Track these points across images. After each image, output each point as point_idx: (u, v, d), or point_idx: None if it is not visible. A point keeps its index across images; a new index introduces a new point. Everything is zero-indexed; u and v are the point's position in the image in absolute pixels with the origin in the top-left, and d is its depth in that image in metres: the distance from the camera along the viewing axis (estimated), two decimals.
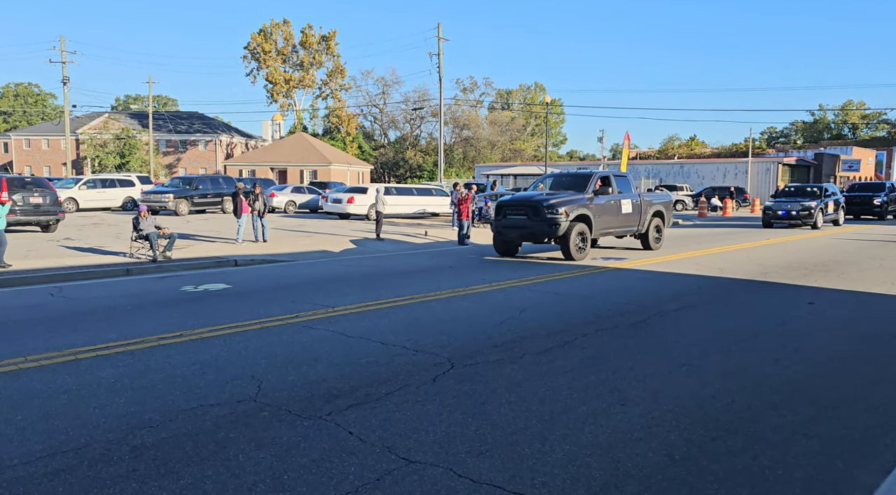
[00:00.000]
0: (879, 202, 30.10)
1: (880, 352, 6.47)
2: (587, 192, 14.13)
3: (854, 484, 3.62)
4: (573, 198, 13.79)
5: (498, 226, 14.27)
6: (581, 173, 15.60)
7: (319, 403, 4.78)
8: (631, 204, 15.18)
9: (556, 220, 13.26)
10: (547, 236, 13.54)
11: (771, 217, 24.62)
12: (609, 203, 14.55)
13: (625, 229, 15.24)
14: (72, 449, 3.95)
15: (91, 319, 7.71)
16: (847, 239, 19.33)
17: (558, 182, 15.46)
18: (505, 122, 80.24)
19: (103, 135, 59.42)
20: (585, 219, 13.81)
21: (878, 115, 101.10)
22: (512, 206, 14.20)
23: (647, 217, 15.72)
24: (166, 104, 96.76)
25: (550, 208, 13.33)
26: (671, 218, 17.22)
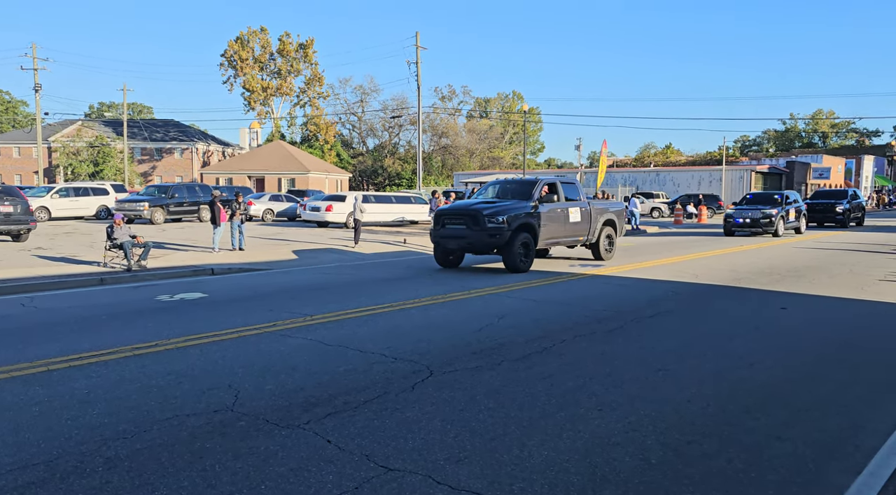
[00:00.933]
0: (842, 210, 29.79)
1: (850, 355, 6.61)
2: (532, 200, 13.40)
3: (826, 485, 3.69)
4: (516, 206, 13.11)
5: (436, 237, 13.52)
6: (526, 180, 14.91)
7: (297, 412, 4.75)
8: (580, 212, 14.52)
9: (496, 230, 12.59)
10: (488, 247, 12.86)
11: (732, 225, 24.10)
12: (556, 211, 13.88)
13: (573, 238, 14.58)
14: (43, 462, 3.88)
15: (64, 329, 7.57)
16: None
17: (504, 189, 14.64)
18: (483, 130, 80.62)
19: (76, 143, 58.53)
20: (529, 229, 13.12)
21: (847, 124, 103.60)
22: (450, 215, 13.41)
23: (597, 226, 15.09)
24: (141, 112, 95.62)
25: (491, 217, 12.65)
26: (624, 226, 16.76)
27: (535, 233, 13.24)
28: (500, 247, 12.76)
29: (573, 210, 14.35)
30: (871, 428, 4.55)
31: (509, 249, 12.67)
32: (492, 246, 12.78)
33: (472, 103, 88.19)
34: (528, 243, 13.00)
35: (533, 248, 13.14)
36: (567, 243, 14.62)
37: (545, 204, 13.56)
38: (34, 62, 45.97)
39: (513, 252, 12.68)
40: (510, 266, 12.80)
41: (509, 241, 12.66)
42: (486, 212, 12.70)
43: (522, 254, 12.88)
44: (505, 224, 12.64)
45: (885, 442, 4.30)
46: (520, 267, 12.79)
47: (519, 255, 12.79)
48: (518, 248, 12.76)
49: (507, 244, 12.67)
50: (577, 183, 15.21)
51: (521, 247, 12.81)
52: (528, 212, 13.17)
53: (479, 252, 13.28)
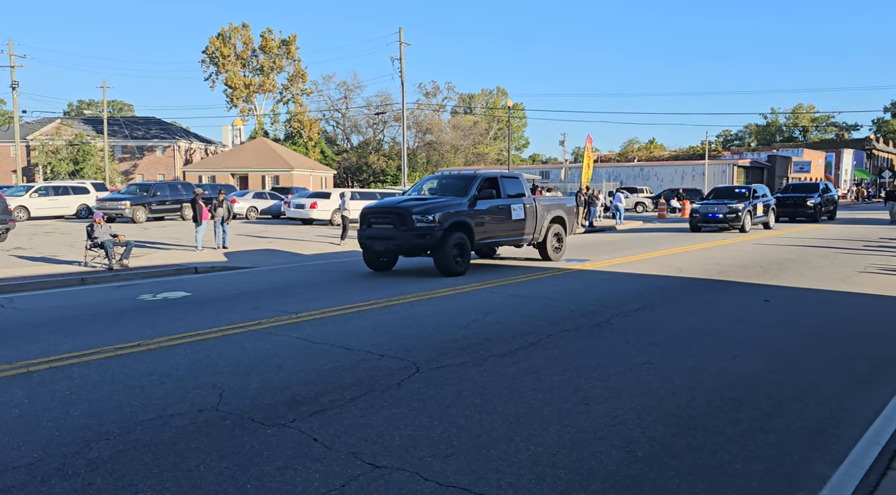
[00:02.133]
0: (813, 204, 28.93)
1: (831, 347, 6.69)
2: (468, 197, 12.39)
3: (808, 475, 3.74)
4: (450, 203, 12.08)
5: (361, 238, 12.38)
6: (463, 175, 13.87)
7: (283, 410, 4.72)
8: (523, 209, 13.47)
9: (426, 230, 11.54)
10: (417, 248, 11.85)
11: (698, 220, 23.43)
12: (496, 208, 12.87)
13: (517, 237, 13.54)
14: (24, 465, 3.82)
15: (44, 330, 7.46)
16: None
17: (441, 185, 13.61)
18: (468, 126, 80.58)
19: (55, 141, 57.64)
20: (464, 227, 12.10)
21: (827, 118, 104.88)
22: (377, 214, 12.30)
23: (543, 223, 14.04)
24: (122, 109, 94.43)
25: (420, 215, 11.60)
26: (574, 224, 15.78)
27: (471, 233, 12.20)
28: (431, 249, 11.76)
29: (516, 207, 13.33)
30: (852, 418, 4.61)
31: (441, 251, 11.64)
32: (422, 247, 11.78)
33: (457, 99, 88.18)
34: (462, 243, 11.98)
35: (469, 249, 12.15)
36: (510, 242, 13.59)
37: (484, 200, 12.60)
38: (11, 59, 45.20)
39: (445, 253, 11.65)
40: (442, 269, 11.78)
41: (441, 242, 11.62)
42: (414, 210, 11.67)
43: (457, 256, 11.87)
44: (436, 223, 11.60)
45: (866, 431, 4.36)
46: (453, 269, 11.75)
47: (452, 257, 11.77)
48: (451, 250, 11.73)
49: (439, 245, 11.64)
50: (521, 178, 14.19)
51: (454, 248, 11.79)
52: (463, 209, 12.17)
53: (409, 254, 12.33)
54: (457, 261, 11.89)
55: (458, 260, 11.93)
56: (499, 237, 13.14)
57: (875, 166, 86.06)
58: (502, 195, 13.18)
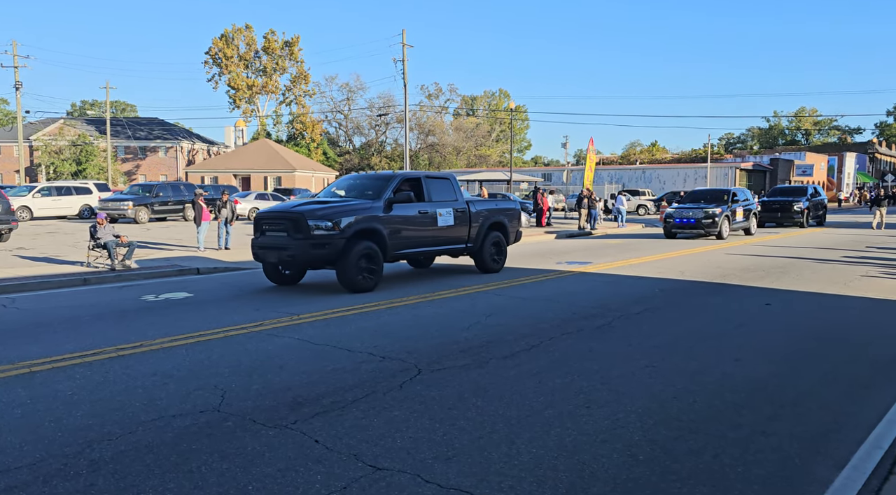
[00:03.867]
0: (800, 208, 27.24)
1: (832, 350, 6.69)
2: (382, 200, 10.82)
3: (810, 479, 3.73)
4: (357, 207, 10.54)
5: (253, 248, 10.81)
6: (381, 175, 12.36)
7: (285, 412, 4.72)
8: (453, 214, 11.90)
9: (325, 238, 9.92)
10: (314, 260, 10.20)
11: (672, 226, 21.64)
12: (418, 213, 11.30)
13: (444, 246, 11.95)
14: (26, 465, 3.82)
15: (47, 330, 7.48)
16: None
17: (354, 186, 11.97)
18: (470, 128, 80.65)
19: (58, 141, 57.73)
20: (374, 235, 10.48)
21: (830, 121, 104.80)
22: (270, 220, 10.75)
23: (479, 230, 12.46)
24: (125, 110, 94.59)
25: (318, 221, 9.96)
26: (519, 230, 13.90)
27: (384, 241, 10.56)
28: (331, 261, 10.15)
29: (444, 211, 11.74)
30: (853, 422, 4.60)
31: (344, 263, 9.98)
32: (320, 258, 10.14)
33: (459, 101, 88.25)
34: (372, 254, 10.31)
35: (380, 260, 10.49)
36: (437, 252, 12.06)
37: (403, 204, 11.00)
38: (14, 60, 45.30)
39: (348, 266, 9.96)
40: (346, 284, 10.11)
41: (344, 253, 10.01)
42: (311, 216, 10.04)
43: (364, 269, 10.22)
44: (336, 230, 9.99)
45: (868, 435, 4.35)
46: (359, 285, 10.09)
47: (358, 271, 10.11)
48: (357, 261, 10.07)
49: (342, 256, 10.00)
50: (452, 179, 12.63)
51: (361, 260, 10.14)
52: (374, 214, 10.56)
53: (307, 266, 10.75)
54: (364, 276, 10.20)
55: (366, 274, 10.25)
56: (422, 246, 11.51)
57: (878, 170, 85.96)
58: (427, 198, 11.64)
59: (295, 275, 11.28)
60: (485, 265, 12.61)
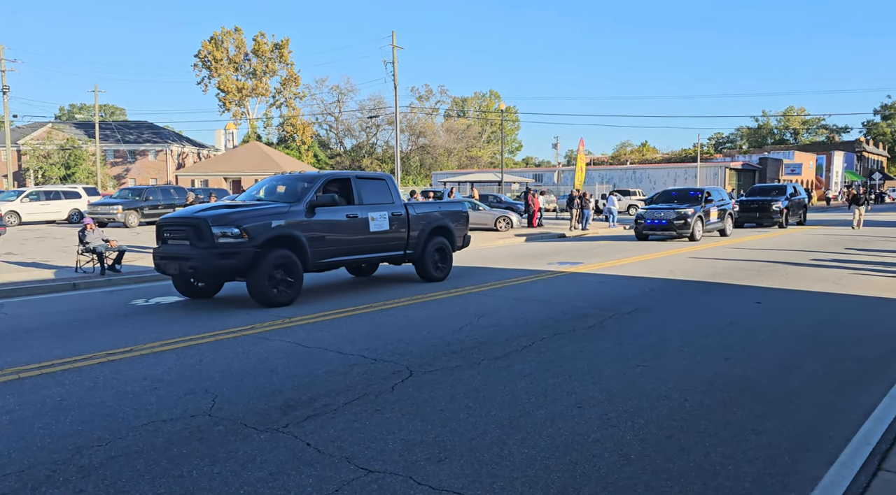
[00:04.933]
0: (778, 208, 26.31)
1: (822, 348, 6.73)
2: (302, 203, 9.72)
3: (800, 476, 3.76)
4: (272, 212, 9.41)
5: (155, 258, 9.69)
6: (304, 175, 11.02)
7: (276, 415, 4.71)
8: (388, 218, 10.89)
9: (232, 247, 8.79)
10: (220, 272, 9.03)
11: (644, 227, 20.76)
12: (345, 218, 10.23)
13: (378, 254, 10.94)
14: (14, 472, 3.79)
15: (36, 336, 7.42)
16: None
17: (276, 188, 10.78)
18: (461, 129, 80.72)
19: (47, 145, 57.29)
20: (291, 243, 9.38)
21: (817, 120, 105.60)
22: (171, 226, 9.57)
23: (420, 235, 11.48)
24: (114, 113, 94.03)
25: (223, 227, 8.81)
26: (467, 235, 12.96)
27: (303, 249, 9.47)
28: (240, 272, 9.04)
29: (377, 215, 10.71)
30: (843, 420, 4.64)
31: (255, 275, 8.90)
32: (228, 270, 8.99)
33: (450, 102, 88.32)
34: (288, 264, 9.23)
35: (299, 270, 9.39)
36: (371, 260, 11.12)
37: (328, 208, 9.97)
38: (2, 64, 44.98)
39: (261, 278, 8.88)
40: (259, 298, 9.04)
41: (255, 263, 8.90)
42: (215, 221, 8.87)
43: (280, 281, 9.12)
44: (245, 237, 8.85)
45: (857, 432, 4.39)
46: (273, 299, 9.01)
47: (273, 283, 9.01)
48: (271, 272, 8.97)
49: (252, 267, 8.91)
50: (388, 180, 11.54)
51: (276, 271, 9.06)
52: (292, 219, 9.48)
53: (213, 278, 9.62)
54: (279, 289, 9.10)
55: (280, 287, 9.13)
56: (351, 254, 10.45)
57: (865, 168, 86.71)
58: (357, 201, 10.63)
59: (210, 287, 10.14)
60: (427, 273, 11.64)
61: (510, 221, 25.64)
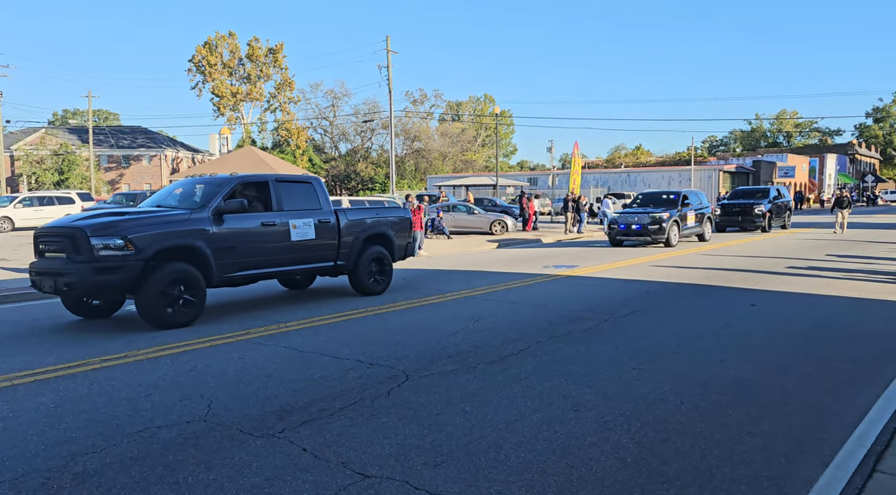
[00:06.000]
0: (761, 211, 25.52)
1: (817, 350, 6.76)
2: (208, 209, 8.55)
3: (796, 478, 3.76)
4: (167, 219, 8.28)
5: (31, 274, 8.39)
6: (214, 178, 9.60)
7: (272, 421, 4.69)
8: (314, 225, 9.73)
9: (114, 260, 7.63)
10: (102, 289, 7.85)
11: (617, 233, 19.81)
12: (260, 226, 9.06)
13: (303, 265, 9.75)
14: (8, 480, 3.77)
15: (29, 342, 7.38)
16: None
17: (184, 192, 9.51)
18: (456, 133, 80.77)
19: (40, 151, 57.13)
20: (191, 254, 8.27)
21: (810, 123, 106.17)
22: (47, 238, 8.32)
23: (353, 245, 10.37)
24: (107, 118, 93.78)
25: (104, 238, 7.62)
26: (411, 244, 11.88)
27: (207, 262, 8.36)
28: (127, 289, 7.90)
29: (300, 223, 9.55)
30: (837, 422, 4.65)
31: (144, 292, 7.77)
32: (109, 286, 7.81)
33: (444, 107, 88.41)
34: (187, 279, 8.10)
35: (201, 286, 8.28)
36: (293, 272, 9.86)
37: (238, 214, 8.80)
38: None
39: (151, 296, 7.76)
40: (149, 319, 7.92)
41: (143, 279, 7.78)
42: (95, 231, 7.67)
43: (176, 300, 7.99)
44: (131, 249, 7.69)
45: (852, 434, 4.40)
46: (167, 319, 7.90)
47: (167, 301, 7.89)
48: (164, 289, 7.84)
49: (141, 283, 7.78)
50: (315, 183, 10.35)
51: (172, 287, 7.93)
52: (192, 227, 8.30)
53: (94, 296, 8.53)
54: (175, 309, 7.99)
55: (177, 305, 8.01)
56: (268, 266, 9.25)
57: (858, 171, 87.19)
58: (276, 207, 9.44)
59: (107, 306, 8.90)
60: (362, 286, 10.55)
61: (505, 225, 25.66)
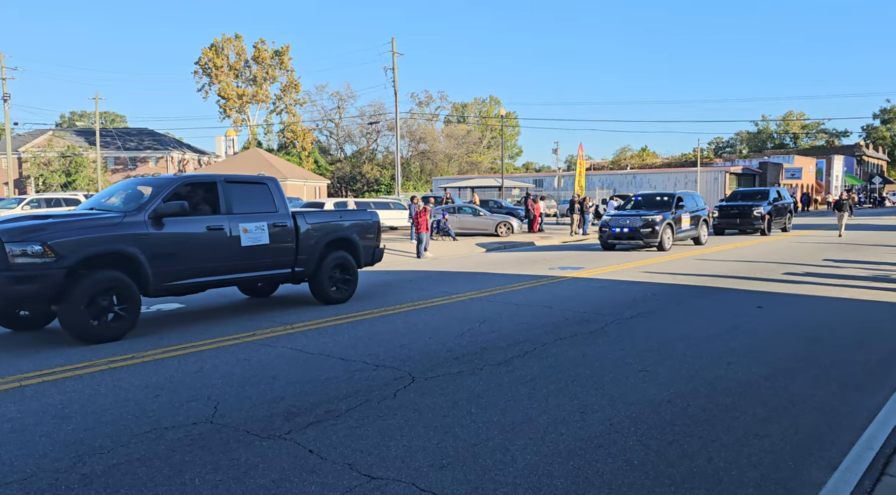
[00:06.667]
0: (760, 213, 24.60)
1: (824, 352, 6.72)
2: (144, 212, 7.83)
3: (804, 481, 3.75)
4: (96, 223, 7.53)
5: None
6: (156, 179, 8.78)
7: (278, 422, 4.70)
8: (268, 230, 9.03)
9: (32, 269, 6.91)
10: (20, 299, 7.08)
11: (609, 236, 19.12)
12: (206, 230, 8.35)
13: (255, 273, 9.05)
14: (17, 481, 3.79)
15: (36, 344, 7.41)
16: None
17: (126, 194, 8.61)
18: (461, 135, 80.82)
19: (48, 153, 57.47)
20: (123, 262, 7.58)
21: (817, 125, 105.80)
22: None
23: (313, 250, 9.71)
24: (114, 120, 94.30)
25: (21, 244, 6.89)
26: (379, 248, 11.21)
27: (142, 270, 7.64)
28: (50, 299, 7.15)
29: (252, 227, 8.84)
30: (846, 424, 4.63)
31: (68, 304, 7.09)
32: (27, 297, 7.06)
33: (450, 108, 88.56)
34: (119, 289, 7.43)
35: (135, 297, 7.57)
36: (246, 280, 9.18)
37: (179, 218, 8.08)
38: (2, 72, 45.13)
39: (75, 308, 7.08)
40: (72, 331, 7.20)
41: (66, 289, 7.08)
42: (11, 236, 6.92)
43: (105, 311, 7.31)
44: (51, 256, 6.97)
45: (860, 436, 4.38)
46: (93, 333, 7.21)
47: (95, 312, 7.21)
48: (91, 300, 7.17)
49: (63, 294, 7.08)
50: (270, 184, 9.59)
51: (101, 298, 7.27)
52: (125, 232, 7.60)
53: (12, 308, 7.70)
54: (102, 321, 7.29)
55: (103, 317, 7.30)
56: (216, 274, 8.53)
57: (865, 172, 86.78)
58: (225, 209, 8.70)
59: (39, 316, 8.21)
60: (323, 294, 9.87)
61: (511, 227, 25.66)
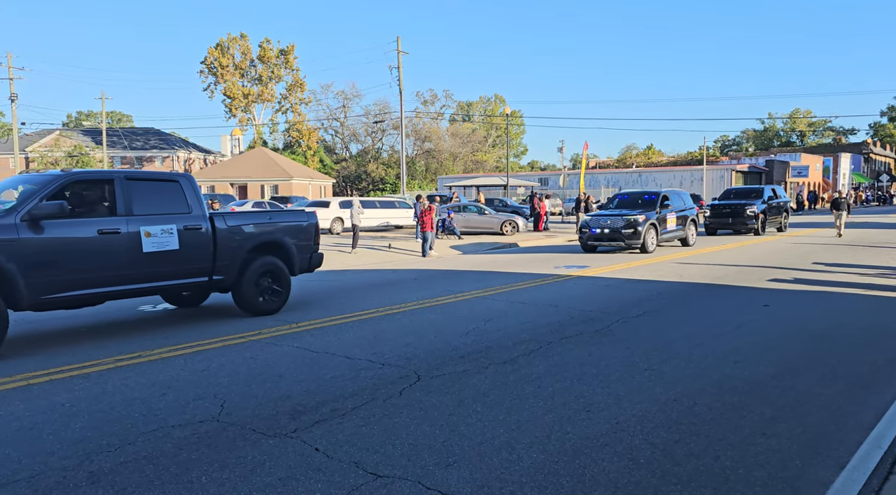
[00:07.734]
0: (753, 213, 23.62)
1: (831, 351, 6.69)
2: (16, 214, 6.82)
3: (811, 480, 3.73)
4: None
5: None
6: (40, 176, 7.69)
7: (284, 420, 4.71)
8: (177, 233, 7.97)
9: None
10: None
11: (589, 237, 18.11)
12: (97, 234, 7.31)
13: (162, 282, 7.95)
14: (24, 478, 3.81)
15: (43, 343, 7.45)
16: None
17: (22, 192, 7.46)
18: (466, 133, 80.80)
19: (55, 152, 57.79)
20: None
21: (824, 123, 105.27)
22: None
23: (235, 256, 8.64)
24: (121, 120, 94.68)
25: None
26: (317, 254, 10.01)
27: (10, 280, 6.65)
28: None
29: (156, 230, 7.79)
30: (853, 423, 4.61)
31: None
32: None
33: (455, 107, 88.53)
34: None
35: (1, 311, 6.64)
36: (148, 291, 7.96)
37: (63, 220, 7.10)
38: (10, 72, 45.35)
39: None
40: None
41: None
42: None
43: None
44: None
45: (868, 435, 4.35)
46: None
47: None
48: None
49: None
50: (183, 181, 8.49)
51: None
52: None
53: None
54: None
55: None
56: (111, 284, 7.49)
57: (873, 170, 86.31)
58: (123, 210, 7.64)
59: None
60: (248, 304, 8.81)
61: (516, 225, 25.63)
